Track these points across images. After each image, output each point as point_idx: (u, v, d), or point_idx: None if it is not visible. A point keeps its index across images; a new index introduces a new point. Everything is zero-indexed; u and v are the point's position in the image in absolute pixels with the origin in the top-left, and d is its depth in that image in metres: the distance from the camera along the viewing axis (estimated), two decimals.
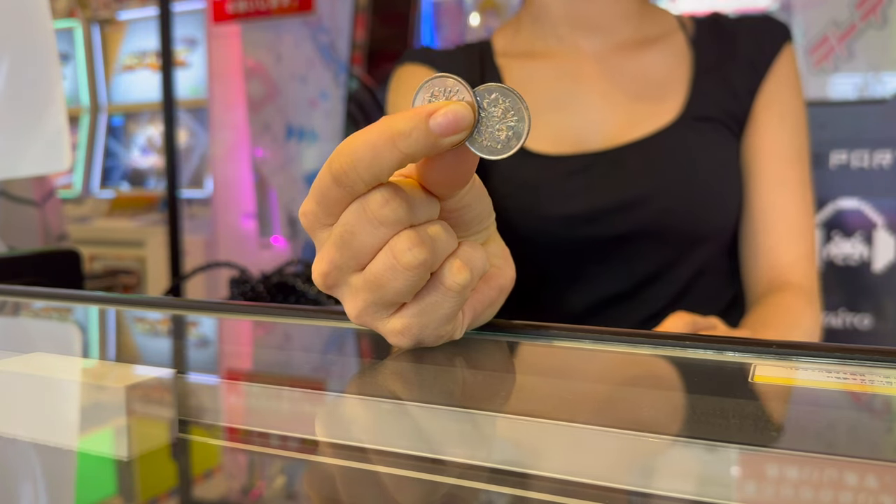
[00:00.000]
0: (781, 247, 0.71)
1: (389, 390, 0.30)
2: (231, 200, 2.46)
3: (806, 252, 0.71)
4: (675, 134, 0.71)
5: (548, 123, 0.75)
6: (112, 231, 2.74)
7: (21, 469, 0.27)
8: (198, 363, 0.38)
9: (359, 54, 2.14)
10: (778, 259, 0.71)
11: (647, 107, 0.73)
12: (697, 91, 0.73)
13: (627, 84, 0.75)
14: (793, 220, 0.71)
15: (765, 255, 0.72)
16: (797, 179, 0.72)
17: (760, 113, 0.73)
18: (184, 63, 2.86)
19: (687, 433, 0.24)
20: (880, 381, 0.30)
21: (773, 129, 0.72)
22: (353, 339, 0.40)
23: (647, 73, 0.75)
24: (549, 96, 0.76)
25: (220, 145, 2.46)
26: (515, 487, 0.24)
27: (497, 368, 0.34)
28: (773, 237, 0.71)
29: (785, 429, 0.25)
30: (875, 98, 1.13)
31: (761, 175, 0.72)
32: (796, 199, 0.71)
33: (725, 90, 0.73)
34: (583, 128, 0.74)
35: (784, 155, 0.72)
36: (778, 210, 0.71)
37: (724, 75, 0.74)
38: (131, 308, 0.48)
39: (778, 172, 0.72)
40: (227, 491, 0.25)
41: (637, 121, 0.72)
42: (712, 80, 0.74)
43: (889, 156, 0.95)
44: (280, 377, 0.33)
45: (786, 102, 0.73)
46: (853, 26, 1.55)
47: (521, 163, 0.74)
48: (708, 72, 0.74)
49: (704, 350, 0.35)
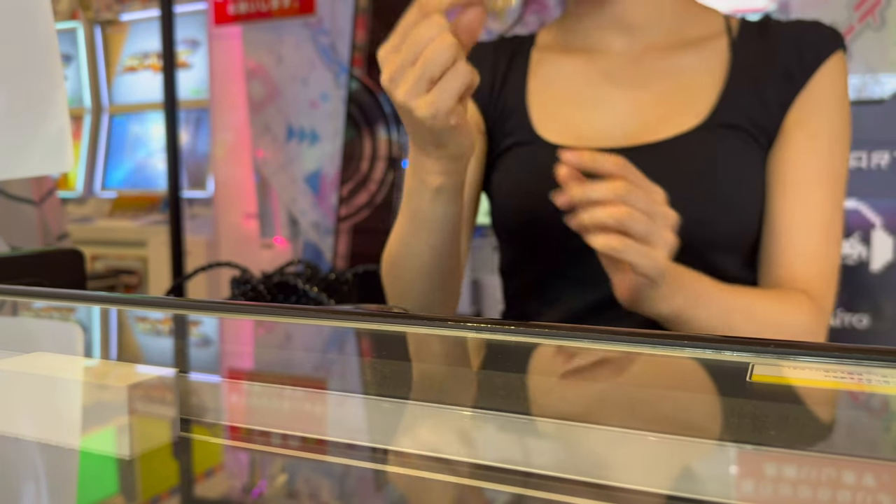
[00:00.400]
0: (797, 265, 0.68)
1: (390, 389, 0.30)
2: (232, 200, 2.46)
3: (821, 272, 0.68)
4: (695, 139, 0.70)
5: (570, 117, 0.75)
6: (114, 231, 2.74)
7: (24, 468, 0.27)
8: (199, 363, 0.38)
9: (359, 56, 2.14)
10: (791, 274, 0.69)
11: (672, 110, 0.72)
12: (727, 97, 0.71)
13: (656, 85, 0.74)
14: (811, 240, 0.68)
15: (776, 270, 0.70)
16: (820, 201, 0.69)
17: (790, 130, 0.70)
18: (185, 64, 2.86)
19: (685, 432, 0.24)
20: (878, 380, 0.30)
21: (801, 150, 0.70)
22: (353, 339, 0.40)
23: (678, 76, 0.74)
24: (575, 91, 0.76)
25: (221, 146, 2.46)
26: (513, 486, 0.24)
27: (496, 368, 0.34)
28: (788, 255, 0.69)
29: (783, 428, 0.25)
30: (873, 99, 1.13)
31: (782, 194, 0.70)
32: (815, 221, 0.69)
33: (757, 100, 0.71)
34: (605, 125, 0.74)
35: (809, 177, 0.69)
36: (795, 232, 0.69)
37: (759, 84, 0.71)
38: (133, 308, 0.48)
39: (799, 194, 0.69)
40: (228, 489, 0.26)
41: (661, 123, 0.72)
42: (745, 88, 0.71)
43: (887, 156, 0.95)
44: (280, 377, 0.33)
45: (821, 120, 0.70)
46: (851, 28, 1.55)
47: (538, 151, 0.74)
48: (742, 79, 0.72)
49: (703, 350, 0.35)
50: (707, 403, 0.27)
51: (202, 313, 0.46)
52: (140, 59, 3.07)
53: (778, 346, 0.34)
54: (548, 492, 0.23)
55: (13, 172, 0.62)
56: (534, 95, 0.78)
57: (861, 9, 1.54)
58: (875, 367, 0.32)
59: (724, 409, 0.27)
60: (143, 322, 0.46)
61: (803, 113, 0.70)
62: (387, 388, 0.30)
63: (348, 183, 2.16)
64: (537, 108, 0.77)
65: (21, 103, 0.61)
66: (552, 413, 0.26)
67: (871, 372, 0.31)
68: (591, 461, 0.24)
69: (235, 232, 2.46)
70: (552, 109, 0.76)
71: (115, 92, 3.13)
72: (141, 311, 0.48)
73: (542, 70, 0.79)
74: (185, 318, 0.46)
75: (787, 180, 0.70)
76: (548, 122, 0.76)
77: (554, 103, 0.77)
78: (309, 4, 2.16)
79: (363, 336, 0.40)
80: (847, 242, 0.97)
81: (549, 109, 0.77)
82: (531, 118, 0.77)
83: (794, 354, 0.34)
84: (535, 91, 0.78)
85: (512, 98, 0.79)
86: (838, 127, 0.71)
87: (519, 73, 0.80)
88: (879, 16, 1.53)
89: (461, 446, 0.26)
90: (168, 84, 1.97)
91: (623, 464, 0.24)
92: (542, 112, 0.77)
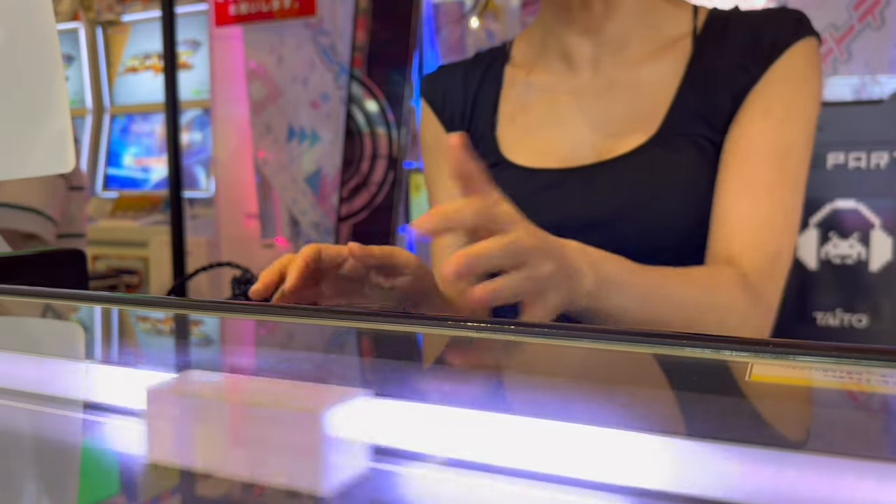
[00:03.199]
0: (733, 239, 0.64)
1: (389, 388, 0.30)
2: (233, 201, 2.46)
3: (761, 246, 0.63)
4: (644, 155, 0.69)
5: (537, 138, 0.75)
6: (115, 231, 2.74)
7: None
8: (200, 362, 0.38)
9: (359, 56, 2.14)
10: (728, 249, 0.64)
11: (629, 124, 0.71)
12: (678, 105, 0.69)
13: (620, 98, 0.72)
14: (751, 215, 0.64)
15: (713, 246, 0.66)
16: (765, 177, 0.65)
17: (745, 111, 0.67)
18: (187, 65, 2.87)
19: (684, 432, 0.24)
20: (877, 380, 0.30)
21: (748, 125, 0.66)
22: (353, 339, 0.40)
23: (638, 87, 0.72)
24: (543, 112, 0.76)
25: (222, 146, 2.46)
26: (508, 484, 0.24)
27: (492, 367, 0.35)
28: (724, 229, 0.65)
29: (781, 428, 0.25)
30: (872, 99, 1.13)
31: (724, 169, 0.66)
32: (763, 200, 0.64)
33: (710, 100, 0.68)
34: (570, 144, 0.73)
35: (754, 151, 0.65)
36: (732, 205, 0.65)
37: (713, 83, 0.69)
38: (134, 308, 0.49)
39: (746, 173, 0.65)
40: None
41: (617, 139, 0.71)
42: (699, 90, 0.69)
43: (886, 156, 0.95)
44: (282, 375, 0.33)
45: (775, 98, 0.66)
46: (851, 27, 1.56)
47: (505, 173, 0.74)
48: (696, 81, 0.69)
49: (702, 349, 0.35)
50: (705, 403, 0.28)
51: (203, 313, 0.46)
52: (141, 59, 3.07)
53: (777, 346, 0.34)
54: (546, 491, 0.23)
55: (14, 172, 0.62)
56: (503, 119, 0.78)
57: (861, 9, 1.54)
58: (874, 367, 0.32)
59: (723, 408, 0.27)
60: (143, 322, 0.46)
61: (756, 96, 0.67)
62: (387, 386, 0.30)
63: (349, 183, 2.16)
64: (506, 132, 0.77)
65: (22, 104, 0.61)
66: (543, 412, 0.26)
67: (870, 372, 0.31)
68: (590, 461, 0.24)
69: (236, 232, 2.47)
70: (520, 132, 0.76)
71: (116, 92, 3.14)
72: (142, 311, 0.48)
73: (514, 92, 0.79)
74: (186, 317, 0.46)
75: (731, 154, 0.67)
76: (515, 145, 0.76)
77: (522, 126, 0.77)
78: (309, 5, 2.16)
79: (362, 336, 0.40)
80: (846, 242, 0.97)
81: (516, 132, 0.77)
82: (499, 142, 0.77)
83: (793, 354, 0.34)
84: (504, 114, 0.78)
85: (482, 122, 0.79)
86: (797, 104, 0.67)
87: (490, 94, 0.80)
88: (879, 16, 1.53)
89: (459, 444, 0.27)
90: (169, 84, 1.98)
91: (623, 464, 0.24)
92: (510, 135, 0.77)
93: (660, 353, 0.35)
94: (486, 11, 2.03)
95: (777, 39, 0.67)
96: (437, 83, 0.83)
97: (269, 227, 2.41)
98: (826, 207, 0.98)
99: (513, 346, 0.37)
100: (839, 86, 1.58)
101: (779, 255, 0.65)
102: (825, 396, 0.29)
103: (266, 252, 2.36)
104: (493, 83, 0.80)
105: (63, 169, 0.62)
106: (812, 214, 0.99)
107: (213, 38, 2.43)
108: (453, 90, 0.82)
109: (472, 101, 0.81)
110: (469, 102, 0.81)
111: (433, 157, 0.83)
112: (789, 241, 0.66)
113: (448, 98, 0.82)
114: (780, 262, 0.65)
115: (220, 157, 2.48)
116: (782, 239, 0.65)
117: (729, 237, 0.64)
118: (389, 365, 0.35)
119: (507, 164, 0.75)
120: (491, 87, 0.80)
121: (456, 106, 0.81)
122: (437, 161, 0.82)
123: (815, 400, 0.29)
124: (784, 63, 0.67)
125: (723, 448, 0.23)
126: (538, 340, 0.37)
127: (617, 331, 0.37)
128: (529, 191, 0.72)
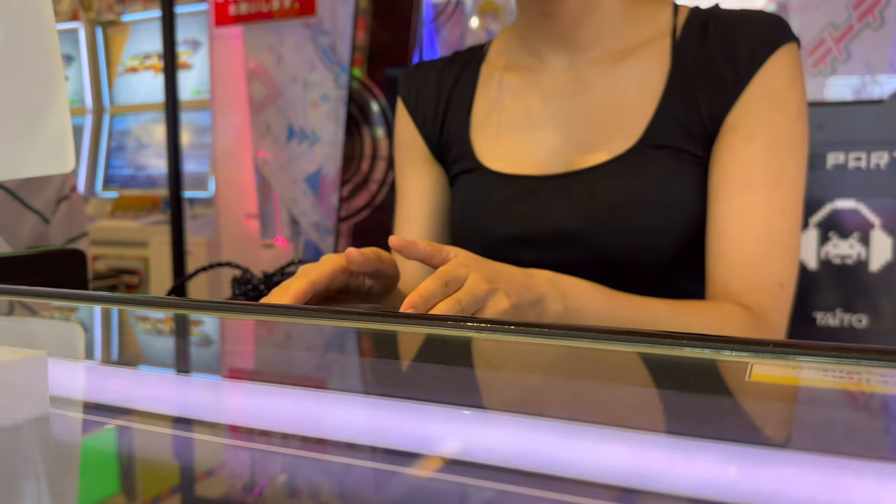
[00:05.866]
0: (733, 278, 0.63)
1: (389, 388, 0.30)
2: (233, 201, 2.46)
3: (763, 283, 0.63)
4: (624, 165, 0.67)
5: (512, 144, 0.74)
6: (115, 231, 2.74)
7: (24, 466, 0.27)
8: (200, 362, 0.38)
9: (360, 56, 2.14)
10: (727, 287, 0.63)
11: (608, 132, 0.69)
12: (660, 116, 0.67)
13: (596, 105, 0.71)
14: (748, 250, 0.63)
15: (713, 283, 0.65)
16: (758, 207, 0.63)
17: (726, 134, 0.65)
18: (186, 65, 2.87)
19: (683, 432, 0.25)
20: (877, 380, 0.30)
21: (735, 154, 0.65)
22: (353, 338, 0.40)
23: (615, 94, 0.70)
24: (517, 116, 0.74)
25: (222, 146, 2.46)
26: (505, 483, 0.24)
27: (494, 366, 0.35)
28: (722, 267, 0.64)
29: (782, 428, 0.26)
30: (872, 99, 1.13)
31: (716, 202, 0.65)
32: (759, 233, 0.63)
33: (692, 112, 0.67)
34: (544, 150, 0.72)
35: (745, 181, 0.64)
36: (728, 242, 0.64)
37: (694, 94, 0.67)
38: (134, 308, 0.49)
39: (739, 205, 0.64)
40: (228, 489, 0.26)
41: (595, 146, 0.69)
42: (680, 101, 0.67)
43: (886, 156, 0.95)
44: (281, 375, 0.33)
45: (758, 120, 0.64)
46: (850, 27, 1.55)
47: (480, 178, 0.73)
48: (677, 91, 0.68)
49: (702, 349, 0.35)
50: (705, 403, 0.28)
51: (203, 313, 0.46)
52: (141, 59, 3.07)
53: (777, 345, 0.34)
54: (546, 490, 0.23)
55: (14, 173, 0.62)
56: (477, 121, 0.77)
57: (860, 8, 1.54)
58: (874, 367, 0.32)
59: (723, 408, 0.27)
60: (143, 322, 0.46)
61: (738, 116, 0.65)
62: (387, 385, 0.30)
63: (349, 183, 2.16)
64: (480, 136, 0.76)
65: (22, 104, 0.61)
66: (542, 412, 0.26)
67: (870, 372, 0.31)
68: (592, 461, 0.24)
69: (236, 232, 2.47)
70: (494, 137, 0.75)
71: (116, 92, 3.14)
72: (142, 311, 0.48)
73: (489, 92, 0.77)
74: (186, 317, 0.46)
75: (721, 187, 0.65)
76: (490, 149, 0.75)
77: (496, 130, 0.75)
78: (309, 5, 2.16)
79: (362, 336, 0.40)
80: (846, 242, 0.97)
81: (491, 137, 0.75)
82: (474, 146, 0.76)
83: (793, 354, 0.34)
84: (478, 116, 0.77)
85: (456, 123, 0.78)
86: (781, 124, 0.65)
87: (465, 94, 0.79)
88: (879, 15, 1.53)
89: (459, 444, 0.27)
90: (169, 84, 1.98)
91: (623, 464, 0.24)
92: (485, 139, 0.76)
93: (660, 353, 0.35)
94: (487, 11, 2.04)
95: (755, 49, 0.65)
96: (412, 81, 0.83)
97: (269, 227, 2.40)
98: (826, 207, 0.98)
99: (517, 346, 0.37)
100: (839, 86, 1.58)
101: (781, 287, 0.64)
102: (825, 396, 0.29)
103: (266, 252, 2.36)
104: (468, 83, 0.79)
105: (63, 169, 0.61)
106: (812, 214, 0.99)
107: (212, 38, 2.43)
108: (426, 90, 0.81)
109: (445, 101, 0.80)
110: (442, 102, 0.80)
111: (403, 154, 0.83)
112: (791, 269, 0.65)
113: (421, 98, 0.81)
114: (783, 292, 0.64)
115: (220, 157, 2.48)
116: (782, 270, 0.64)
117: (727, 275, 0.64)
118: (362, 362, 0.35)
119: (483, 169, 0.74)
120: (466, 86, 0.79)
121: (428, 107, 0.80)
122: (407, 159, 0.82)
123: (815, 400, 0.29)
124: (763, 78, 0.65)
125: (723, 448, 0.23)
126: (538, 340, 0.37)
127: (617, 331, 0.37)
128: (505, 198, 0.71)
